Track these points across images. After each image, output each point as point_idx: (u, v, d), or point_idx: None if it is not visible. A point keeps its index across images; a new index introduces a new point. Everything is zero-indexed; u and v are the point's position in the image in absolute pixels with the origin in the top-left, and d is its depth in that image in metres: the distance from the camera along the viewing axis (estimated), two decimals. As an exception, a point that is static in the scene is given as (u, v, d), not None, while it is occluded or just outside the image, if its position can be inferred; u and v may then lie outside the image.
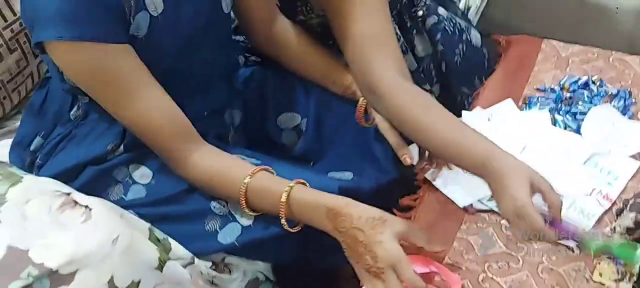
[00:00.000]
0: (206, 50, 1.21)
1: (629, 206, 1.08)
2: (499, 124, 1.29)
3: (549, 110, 1.33)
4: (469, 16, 1.84)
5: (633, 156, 1.22)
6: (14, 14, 1.37)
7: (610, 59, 1.47)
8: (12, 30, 1.38)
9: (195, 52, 1.19)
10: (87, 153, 1.19)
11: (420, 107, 1.15)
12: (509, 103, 1.35)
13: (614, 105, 1.33)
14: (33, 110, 1.28)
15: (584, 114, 1.30)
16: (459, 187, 1.19)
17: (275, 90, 1.36)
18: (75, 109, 1.21)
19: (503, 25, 1.90)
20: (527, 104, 1.37)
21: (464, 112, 1.34)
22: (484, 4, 1.93)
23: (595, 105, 1.33)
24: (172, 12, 1.12)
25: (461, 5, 1.84)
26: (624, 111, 1.32)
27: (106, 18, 1.03)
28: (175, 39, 1.15)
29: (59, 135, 1.22)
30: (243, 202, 1.11)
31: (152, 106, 1.10)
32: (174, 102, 1.12)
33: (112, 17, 1.04)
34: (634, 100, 1.34)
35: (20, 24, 1.38)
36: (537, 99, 1.37)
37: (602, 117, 1.27)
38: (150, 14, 1.10)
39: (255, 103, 1.36)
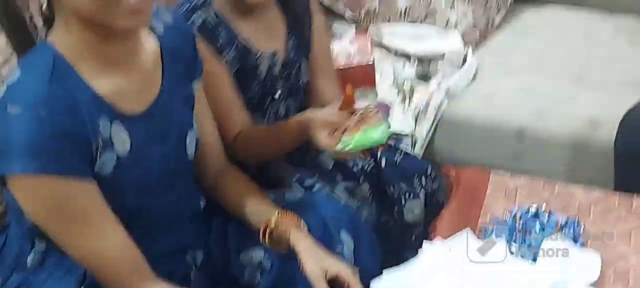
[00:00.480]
0: (170, 192, 1.22)
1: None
2: (460, 255, 1.31)
3: (505, 240, 1.36)
4: (415, 149, 1.91)
5: (593, 284, 1.25)
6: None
7: (555, 189, 1.53)
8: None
9: (159, 193, 1.20)
10: None
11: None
12: (466, 232, 1.38)
13: (564, 234, 1.37)
14: None
15: (539, 243, 1.33)
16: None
17: (237, 226, 1.36)
18: (32, 255, 1.18)
19: (449, 156, 1.97)
20: (483, 234, 1.40)
21: (424, 243, 1.36)
22: (429, 137, 2.00)
23: (547, 234, 1.37)
24: (138, 154, 1.13)
25: (407, 141, 1.90)
26: (574, 239, 1.37)
27: (72, 153, 1.04)
28: (140, 181, 1.15)
29: (15, 284, 1.18)
30: None
31: (108, 242, 1.09)
32: (131, 240, 1.12)
33: (79, 153, 1.05)
34: (582, 229, 1.39)
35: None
36: (492, 229, 1.41)
37: (556, 248, 1.30)
38: (116, 154, 1.11)
39: (217, 241, 1.36)
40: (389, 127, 1.35)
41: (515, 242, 1.36)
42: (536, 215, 1.43)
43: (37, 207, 1.07)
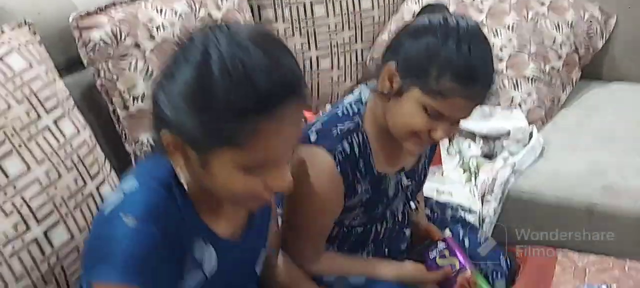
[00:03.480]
0: None
1: None
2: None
3: (576, 321, 1.35)
4: (484, 228, 1.90)
5: None
6: (52, 247, 1.42)
7: (626, 268, 1.51)
8: (48, 264, 1.42)
9: None
10: None
11: None
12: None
13: (636, 315, 1.35)
14: None
15: (609, 324, 1.32)
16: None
17: None
18: None
19: (516, 234, 1.95)
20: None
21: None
22: (497, 216, 1.99)
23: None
24: (221, 276, 1.16)
25: (473, 219, 1.90)
26: (647, 320, 1.34)
27: (170, 271, 1.06)
28: None
29: None
30: None
31: None
32: None
33: (175, 271, 1.08)
34: (655, 309, 1.37)
35: (57, 257, 1.43)
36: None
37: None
38: (204, 273, 1.13)
39: None
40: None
41: (586, 322, 1.35)
42: (606, 295, 1.42)
43: None
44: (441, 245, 1.53)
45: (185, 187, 1.09)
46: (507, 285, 1.62)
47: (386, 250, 1.57)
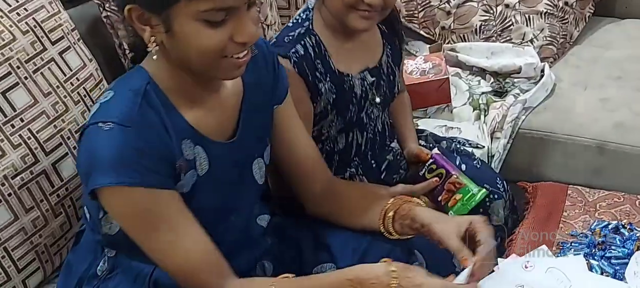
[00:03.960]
0: (238, 213, 1.28)
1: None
2: (538, 272, 1.30)
3: (584, 256, 1.34)
4: (492, 165, 1.89)
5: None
6: (61, 180, 1.43)
7: (637, 203, 1.50)
8: (58, 196, 1.43)
9: (229, 214, 1.26)
10: None
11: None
12: (543, 249, 1.36)
13: (647, 249, 1.34)
14: (66, 269, 1.32)
15: (619, 258, 1.31)
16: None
17: (312, 241, 1.38)
18: (101, 263, 1.25)
19: (526, 172, 1.95)
20: (561, 249, 1.39)
21: (499, 261, 1.35)
22: (506, 152, 1.98)
23: (628, 249, 1.34)
24: (214, 177, 1.19)
25: (480, 154, 1.89)
26: (658, 254, 1.33)
27: (159, 168, 1.10)
28: (212, 201, 1.21)
29: None
30: None
31: (192, 246, 1.14)
32: (211, 241, 1.16)
33: (164, 169, 1.11)
34: (665, 243, 1.36)
35: (67, 189, 1.44)
36: (570, 244, 1.39)
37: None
38: (197, 173, 1.17)
39: (291, 256, 1.38)
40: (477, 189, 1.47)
41: (594, 258, 1.34)
42: (616, 229, 1.41)
43: (127, 217, 1.13)
44: (429, 161, 1.55)
45: (160, 86, 1.14)
46: (513, 218, 1.62)
47: (372, 163, 1.60)
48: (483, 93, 2.15)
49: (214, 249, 1.16)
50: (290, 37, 1.46)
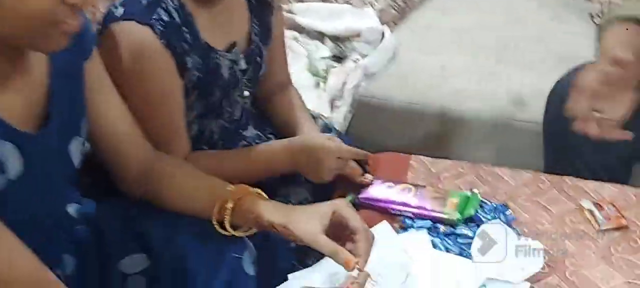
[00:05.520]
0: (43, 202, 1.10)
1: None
2: (379, 249, 1.17)
3: (428, 232, 1.23)
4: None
5: (529, 279, 1.13)
6: None
7: (481, 173, 1.42)
8: None
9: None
10: None
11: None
12: (384, 225, 1.25)
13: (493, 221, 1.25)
14: None
15: (465, 236, 1.21)
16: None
17: (119, 231, 1.20)
18: None
19: (367, 142, 1.86)
20: (404, 226, 1.27)
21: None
22: (347, 121, 1.91)
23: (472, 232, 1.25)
24: (31, 173, 1.03)
25: (321, 125, 1.77)
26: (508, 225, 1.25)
27: None
28: (29, 197, 1.05)
29: None
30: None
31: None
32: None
33: None
34: (512, 215, 1.28)
35: None
36: (413, 220, 1.28)
37: (493, 237, 1.19)
38: (7, 177, 1.00)
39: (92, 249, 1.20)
40: None
41: (438, 235, 1.24)
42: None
43: None
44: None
45: None
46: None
47: None
48: (322, 58, 2.05)
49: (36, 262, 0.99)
50: (149, 1, 1.22)
